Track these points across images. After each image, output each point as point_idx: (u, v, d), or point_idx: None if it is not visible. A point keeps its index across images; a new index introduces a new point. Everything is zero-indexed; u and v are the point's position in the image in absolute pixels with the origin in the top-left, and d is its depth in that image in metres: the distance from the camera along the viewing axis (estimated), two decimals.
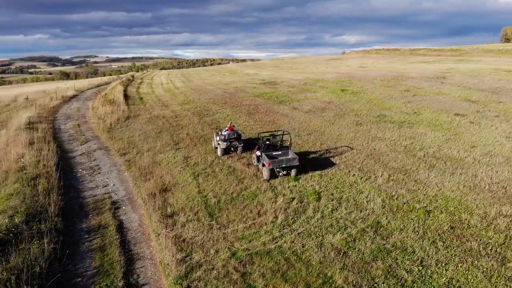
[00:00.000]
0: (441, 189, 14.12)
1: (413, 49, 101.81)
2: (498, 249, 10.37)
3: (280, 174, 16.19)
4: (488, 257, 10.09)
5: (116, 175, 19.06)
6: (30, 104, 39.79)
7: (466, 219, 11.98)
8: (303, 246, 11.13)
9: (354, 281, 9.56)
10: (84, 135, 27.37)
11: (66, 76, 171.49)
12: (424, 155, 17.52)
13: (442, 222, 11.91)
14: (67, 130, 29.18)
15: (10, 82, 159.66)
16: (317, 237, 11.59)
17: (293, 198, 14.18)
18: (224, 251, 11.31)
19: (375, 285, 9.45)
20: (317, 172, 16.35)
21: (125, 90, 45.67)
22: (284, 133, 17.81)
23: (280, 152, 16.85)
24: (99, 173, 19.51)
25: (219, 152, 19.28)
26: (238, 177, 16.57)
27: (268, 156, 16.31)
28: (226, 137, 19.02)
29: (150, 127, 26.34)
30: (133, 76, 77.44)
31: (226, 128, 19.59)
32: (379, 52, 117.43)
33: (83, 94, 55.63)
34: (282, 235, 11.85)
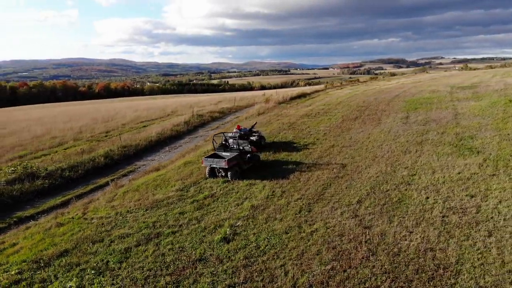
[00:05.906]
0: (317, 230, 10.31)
1: None
2: None
3: (219, 174, 15.89)
4: None
5: (173, 155, 23.51)
6: (239, 99, 49.77)
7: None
8: (96, 232, 11.95)
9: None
10: (222, 124, 33.12)
11: (393, 75, 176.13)
12: (393, 188, 12.09)
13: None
14: (221, 120, 35.87)
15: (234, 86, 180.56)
16: (116, 228, 12.00)
17: (181, 196, 14.21)
18: (75, 216, 13.79)
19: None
20: (253, 181, 14.89)
21: (317, 91, 48.37)
22: (234, 135, 16.83)
23: (229, 154, 16.25)
24: (169, 151, 24.61)
25: None
26: (202, 172, 17.28)
27: (209, 156, 16.36)
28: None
29: (255, 121, 28.79)
30: (376, 77, 77.13)
31: (235, 127, 20.01)
32: None
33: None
34: (109, 217, 12.96)
